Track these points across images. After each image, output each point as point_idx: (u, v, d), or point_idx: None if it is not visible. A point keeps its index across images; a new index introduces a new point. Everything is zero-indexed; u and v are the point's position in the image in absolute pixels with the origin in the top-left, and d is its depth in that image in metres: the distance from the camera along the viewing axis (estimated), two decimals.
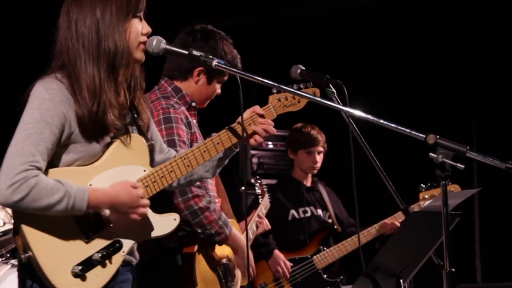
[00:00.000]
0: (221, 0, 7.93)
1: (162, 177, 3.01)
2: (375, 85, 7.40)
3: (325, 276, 5.51)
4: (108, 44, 2.89)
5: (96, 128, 2.88)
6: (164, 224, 3.02)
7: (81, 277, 2.79)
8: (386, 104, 6.76)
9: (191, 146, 3.84)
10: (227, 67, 3.11)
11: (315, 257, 5.45)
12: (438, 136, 2.69)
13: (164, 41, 3.06)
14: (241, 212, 4.84)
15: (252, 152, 7.22)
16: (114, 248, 2.87)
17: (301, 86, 3.35)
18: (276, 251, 5.48)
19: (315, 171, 6.05)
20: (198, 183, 3.85)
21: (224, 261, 3.99)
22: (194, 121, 4.08)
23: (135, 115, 3.05)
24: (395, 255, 3.41)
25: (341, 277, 5.59)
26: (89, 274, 2.81)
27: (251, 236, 4.65)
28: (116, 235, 2.89)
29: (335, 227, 5.73)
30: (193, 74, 4.06)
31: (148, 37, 3.02)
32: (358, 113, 2.93)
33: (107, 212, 2.86)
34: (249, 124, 3.24)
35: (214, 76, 4.07)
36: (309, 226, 5.82)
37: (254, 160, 7.22)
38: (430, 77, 7.44)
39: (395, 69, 7.48)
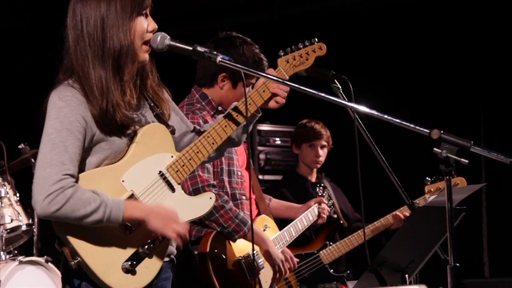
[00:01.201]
0: None
1: (190, 159, 3.02)
2: (382, 81, 7.40)
3: (332, 271, 5.50)
4: (113, 43, 2.89)
5: (112, 124, 2.88)
6: (200, 204, 3.05)
7: (132, 272, 2.83)
8: (392, 100, 6.76)
9: None
10: (231, 63, 3.11)
11: (321, 252, 5.45)
12: (442, 131, 2.69)
13: (168, 37, 3.06)
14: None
15: (260, 148, 7.23)
16: (158, 238, 2.88)
17: (306, 44, 3.33)
18: (284, 247, 5.48)
19: (318, 165, 6.06)
20: (212, 181, 3.92)
21: (247, 252, 4.02)
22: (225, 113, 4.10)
23: (152, 104, 3.04)
24: (400, 250, 3.42)
25: (347, 271, 5.59)
26: (139, 268, 2.84)
27: (300, 227, 4.63)
28: None
29: (341, 222, 5.73)
30: (217, 80, 4.11)
31: (155, 30, 3.02)
32: (363, 108, 2.93)
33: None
34: (264, 91, 3.22)
35: (238, 79, 4.08)
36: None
37: (262, 156, 7.24)
38: (438, 73, 7.44)
39: (403, 65, 7.47)
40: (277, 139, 7.38)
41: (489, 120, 7.42)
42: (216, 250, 3.91)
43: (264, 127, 7.37)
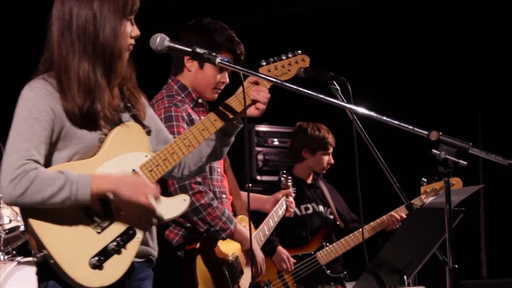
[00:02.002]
0: None
1: (164, 159, 2.99)
2: (380, 81, 7.40)
3: (329, 271, 5.52)
4: (105, 42, 2.88)
5: (88, 121, 2.86)
6: (174, 205, 3.01)
7: (99, 267, 2.79)
8: (391, 101, 6.76)
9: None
10: (231, 65, 3.12)
11: (318, 253, 5.46)
12: (440, 133, 2.69)
13: (168, 38, 3.07)
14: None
15: (258, 149, 7.23)
16: (128, 235, 2.85)
17: (289, 55, 3.31)
18: (280, 248, 5.49)
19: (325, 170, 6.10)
20: (199, 179, 3.86)
21: (230, 258, 3.98)
22: (203, 117, 4.07)
23: (128, 105, 3.02)
24: (399, 251, 3.43)
25: (344, 272, 5.61)
26: (107, 264, 2.81)
27: (272, 224, 4.61)
28: (128, 223, 2.87)
29: (337, 223, 5.74)
30: (184, 61, 4.07)
31: (137, 36, 3.00)
32: (362, 110, 2.94)
33: (110, 195, 2.82)
34: (229, 111, 3.15)
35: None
36: (311, 222, 5.83)
37: (260, 157, 7.23)
38: (436, 74, 7.44)
39: (401, 66, 7.48)
40: (275, 139, 7.38)
41: (487, 121, 7.43)
42: (201, 259, 3.86)
43: (262, 127, 7.37)
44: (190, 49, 3.07)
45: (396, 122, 2.80)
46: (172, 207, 3.00)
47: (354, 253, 5.43)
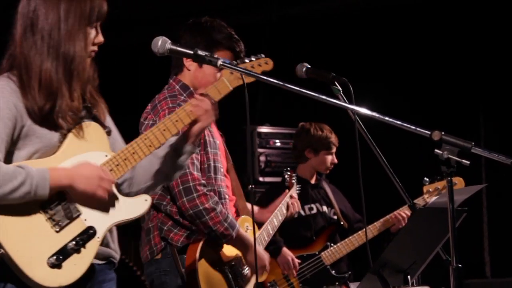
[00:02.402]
0: None
1: (125, 159, 2.96)
2: (382, 82, 7.41)
3: (333, 272, 5.52)
4: (69, 47, 2.88)
5: (48, 121, 2.86)
6: (135, 206, 2.98)
7: (58, 267, 2.76)
8: (392, 101, 6.77)
9: (198, 144, 3.87)
10: (232, 66, 3.12)
11: (322, 253, 5.46)
12: (443, 133, 2.69)
13: (169, 41, 3.07)
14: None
15: (260, 150, 7.23)
16: (88, 234, 2.83)
17: (252, 58, 3.29)
18: (285, 249, 5.49)
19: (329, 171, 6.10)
20: (203, 180, 3.86)
21: (233, 260, 3.97)
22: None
23: (89, 106, 3.01)
24: (402, 252, 3.43)
25: (349, 272, 5.61)
26: (66, 264, 2.78)
27: (276, 223, 4.60)
28: (88, 222, 2.85)
29: (341, 223, 5.74)
30: (183, 61, 4.07)
31: (100, 43, 3.00)
32: (363, 110, 2.94)
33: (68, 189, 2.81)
34: (182, 119, 3.09)
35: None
36: (315, 223, 5.83)
37: (262, 158, 7.23)
38: (437, 73, 7.45)
39: (402, 66, 7.49)
40: (277, 141, 7.38)
41: (489, 121, 7.43)
42: (204, 258, 3.85)
43: (264, 129, 7.37)
44: (191, 52, 3.08)
45: (398, 122, 2.80)
46: (133, 207, 2.98)
47: (358, 253, 5.43)
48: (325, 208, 5.97)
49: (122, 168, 2.96)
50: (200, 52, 3.06)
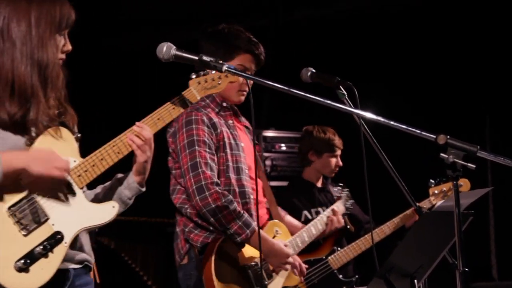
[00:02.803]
0: (234, 2, 7.96)
1: (93, 165, 2.97)
2: (387, 86, 7.41)
3: (341, 276, 5.51)
4: (43, 53, 2.91)
5: (17, 127, 2.88)
6: (102, 212, 2.99)
7: (25, 271, 2.77)
8: (398, 105, 6.76)
9: (216, 146, 3.98)
10: (237, 72, 3.13)
11: (330, 257, 5.45)
12: (448, 136, 2.69)
13: (174, 47, 3.09)
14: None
15: (265, 154, 7.24)
16: (55, 239, 2.85)
17: (193, 76, 3.28)
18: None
19: (334, 174, 6.10)
20: (217, 180, 3.91)
21: (254, 260, 3.98)
22: (230, 122, 4.14)
23: (58, 112, 3.03)
24: (408, 256, 3.42)
25: (356, 276, 5.60)
26: (33, 268, 2.79)
27: (313, 232, 4.58)
28: (55, 227, 2.87)
29: (348, 227, 5.74)
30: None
31: (68, 51, 3.03)
32: (368, 115, 2.95)
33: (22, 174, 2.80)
34: (119, 152, 3.04)
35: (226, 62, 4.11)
36: None
37: (268, 162, 7.24)
38: (442, 77, 7.44)
39: (407, 70, 7.48)
40: (283, 145, 7.39)
41: (495, 124, 7.42)
42: (221, 257, 3.88)
43: (269, 133, 7.38)
44: (196, 57, 3.10)
45: (404, 126, 2.81)
46: (100, 213, 2.99)
47: (365, 257, 5.42)
48: None
49: (90, 174, 2.97)
50: (205, 58, 3.08)
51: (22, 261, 2.77)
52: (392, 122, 2.83)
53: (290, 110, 7.17)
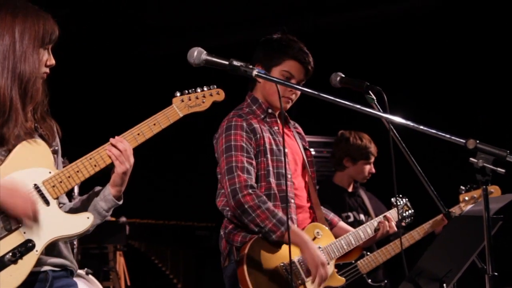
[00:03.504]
0: (263, 9, 8.00)
1: (69, 177, 3.01)
2: (416, 90, 7.40)
3: (370, 280, 5.50)
4: (25, 67, 2.97)
5: None
6: (76, 222, 3.02)
7: None
8: (427, 110, 6.76)
9: (257, 151, 4.06)
10: (267, 76, 3.15)
11: (359, 262, 5.44)
12: (478, 141, 2.70)
13: (205, 52, 3.11)
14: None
15: None
16: (26, 247, 2.89)
17: (204, 88, 3.34)
18: None
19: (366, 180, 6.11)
20: (250, 182, 3.96)
21: (294, 258, 4.00)
22: (276, 128, 4.21)
23: (36, 125, 3.08)
24: (438, 260, 3.41)
25: (385, 281, 5.59)
26: (2, 274, 2.84)
27: (361, 236, 4.58)
28: (27, 235, 2.90)
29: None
30: None
31: (52, 65, 3.08)
32: (398, 119, 2.95)
33: None
34: (95, 166, 3.08)
35: (269, 66, 4.19)
36: None
37: None
38: (469, 82, 7.42)
39: (437, 74, 7.47)
40: (312, 149, 7.38)
41: None
42: (255, 255, 3.92)
43: None
44: (227, 62, 3.11)
45: (433, 130, 2.81)
46: (74, 224, 3.02)
47: (395, 262, 5.41)
48: (362, 217, 5.97)
49: (65, 185, 3.01)
50: (235, 62, 3.10)
51: None
52: (421, 127, 2.84)
53: (319, 114, 7.18)
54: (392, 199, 5.22)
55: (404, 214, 5.06)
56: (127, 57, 8.75)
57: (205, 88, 3.35)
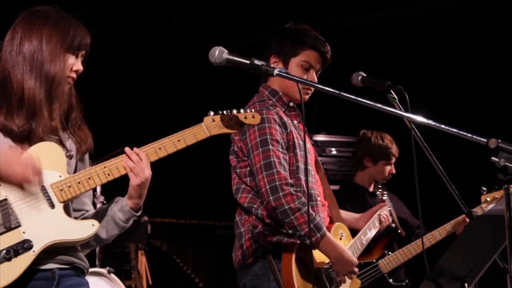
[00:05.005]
0: (284, 9, 8.00)
1: (79, 183, 3.02)
2: (436, 90, 7.38)
3: (391, 280, 5.50)
4: (50, 68, 3.03)
5: (22, 137, 3.00)
6: (80, 228, 3.03)
7: None
8: (447, 109, 6.74)
9: (287, 146, 3.94)
10: (288, 76, 3.16)
11: (380, 261, 5.45)
12: (500, 140, 2.69)
13: (226, 51, 3.12)
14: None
15: None
16: (23, 247, 2.90)
17: (241, 111, 3.30)
18: None
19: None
20: (291, 180, 3.85)
21: (327, 263, 3.96)
22: (295, 122, 4.12)
23: (68, 129, 3.14)
24: (459, 259, 3.41)
25: (407, 281, 5.59)
26: None
27: (369, 235, 4.59)
28: (26, 235, 2.92)
29: (399, 231, 5.72)
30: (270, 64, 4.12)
31: (79, 71, 3.13)
32: (419, 118, 2.95)
33: None
34: (109, 174, 3.10)
35: (286, 57, 4.11)
36: None
37: None
38: (491, 81, 7.39)
39: (459, 74, 7.45)
40: (333, 149, 7.39)
41: None
42: (299, 259, 3.85)
43: (320, 137, 7.40)
44: (248, 61, 3.12)
45: (455, 130, 2.80)
46: (78, 229, 3.02)
47: (416, 262, 5.41)
48: None
49: (74, 189, 3.02)
50: (256, 62, 3.11)
51: None
52: (443, 126, 2.83)
53: (341, 114, 7.18)
54: (377, 192, 5.24)
55: (384, 198, 5.06)
56: (152, 58, 8.79)
57: (241, 111, 3.30)
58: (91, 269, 5.30)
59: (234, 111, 3.27)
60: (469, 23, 7.44)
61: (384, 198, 5.21)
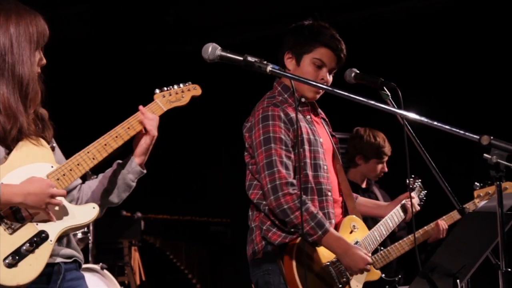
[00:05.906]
0: (278, 6, 8.01)
1: (70, 170, 3.07)
2: (430, 87, 7.39)
3: (383, 275, 5.51)
4: (23, 69, 3.02)
5: (11, 140, 3.00)
6: (83, 212, 3.10)
7: (15, 266, 2.88)
8: (439, 106, 6.75)
9: (294, 142, 3.92)
10: (282, 73, 3.16)
11: (373, 256, 5.46)
12: (492, 137, 2.70)
13: (219, 47, 3.12)
14: None
15: None
16: (41, 237, 2.94)
17: (181, 85, 3.40)
18: None
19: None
20: (291, 179, 3.85)
21: (335, 258, 3.95)
22: (308, 117, 4.10)
23: (37, 126, 3.14)
24: (451, 256, 3.41)
25: (399, 276, 5.60)
26: (22, 264, 2.89)
27: (390, 225, 4.53)
28: (39, 226, 2.96)
29: None
30: (284, 61, 4.09)
31: (44, 65, 3.12)
32: (412, 115, 2.95)
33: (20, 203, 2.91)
34: (128, 128, 3.22)
35: (300, 54, 4.08)
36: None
37: None
38: (484, 77, 7.41)
39: (452, 71, 7.46)
40: None
41: None
42: (301, 258, 3.84)
43: None
44: (241, 58, 3.12)
45: (447, 126, 2.81)
46: (82, 214, 3.09)
47: (408, 257, 5.41)
48: None
49: (68, 177, 3.07)
50: (250, 58, 3.10)
51: (11, 257, 2.88)
52: (435, 123, 2.83)
53: (334, 111, 7.18)
54: (407, 180, 5.20)
55: (420, 196, 5.05)
56: (142, 53, 8.79)
57: (181, 85, 3.42)
58: (84, 265, 5.32)
59: (175, 86, 3.40)
60: (463, 19, 7.45)
61: (415, 186, 5.14)
